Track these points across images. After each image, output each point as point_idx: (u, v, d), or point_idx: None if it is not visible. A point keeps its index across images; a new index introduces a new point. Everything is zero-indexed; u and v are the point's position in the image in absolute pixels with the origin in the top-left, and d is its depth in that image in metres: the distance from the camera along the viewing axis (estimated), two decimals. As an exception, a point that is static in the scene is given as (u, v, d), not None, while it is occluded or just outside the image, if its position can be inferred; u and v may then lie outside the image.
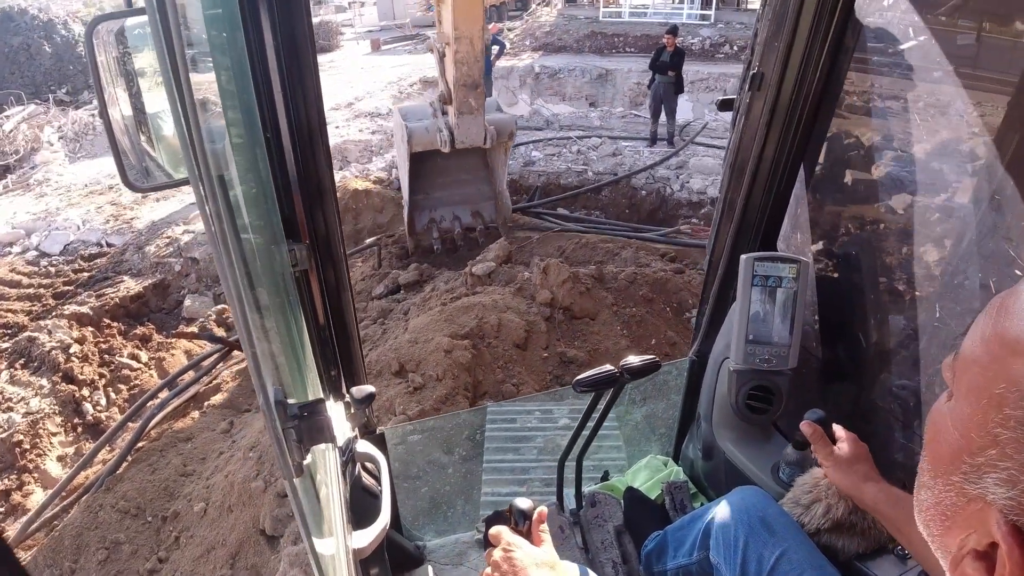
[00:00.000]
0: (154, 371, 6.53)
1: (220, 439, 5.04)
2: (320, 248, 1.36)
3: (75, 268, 8.42)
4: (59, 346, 6.22)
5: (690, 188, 9.60)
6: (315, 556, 0.88)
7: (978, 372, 0.52)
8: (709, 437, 2.11)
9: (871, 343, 1.85)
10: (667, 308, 5.63)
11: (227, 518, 3.94)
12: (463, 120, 7.12)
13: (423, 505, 3.06)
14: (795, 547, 1.41)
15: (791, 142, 1.78)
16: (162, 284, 8.00)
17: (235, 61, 0.99)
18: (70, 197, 10.66)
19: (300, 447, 0.87)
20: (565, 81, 17.18)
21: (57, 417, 5.71)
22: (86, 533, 4.24)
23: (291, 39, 1.10)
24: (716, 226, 2.09)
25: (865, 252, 1.88)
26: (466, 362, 4.51)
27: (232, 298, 0.68)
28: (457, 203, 8.22)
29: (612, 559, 2.05)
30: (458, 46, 6.62)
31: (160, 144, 1.16)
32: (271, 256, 1.07)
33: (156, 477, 4.70)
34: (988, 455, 0.49)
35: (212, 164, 0.66)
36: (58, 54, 17.42)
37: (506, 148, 7.90)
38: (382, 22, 26.46)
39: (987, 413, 0.50)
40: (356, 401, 1.44)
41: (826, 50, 1.62)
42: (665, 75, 10.68)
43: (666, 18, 20.64)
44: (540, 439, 3.38)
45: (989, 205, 1.42)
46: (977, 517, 0.51)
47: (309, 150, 1.23)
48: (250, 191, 0.98)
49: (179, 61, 0.62)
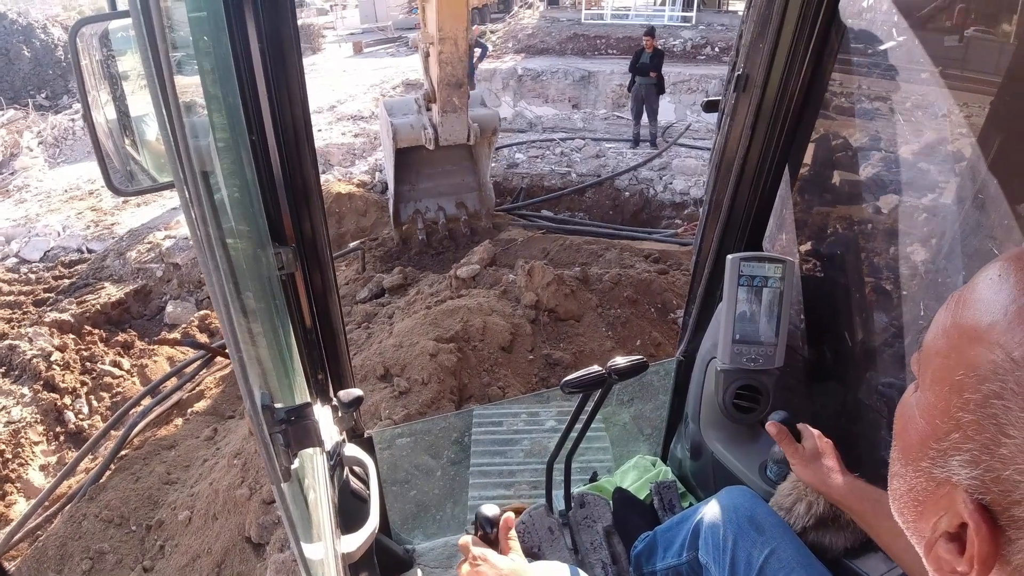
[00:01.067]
0: (136, 378, 6.46)
1: (204, 446, 4.99)
2: (306, 251, 1.36)
3: (55, 275, 8.32)
4: (40, 354, 6.14)
5: (673, 189, 9.65)
6: (304, 561, 0.87)
7: (940, 362, 0.55)
8: (697, 437, 2.12)
9: (856, 342, 1.86)
10: (652, 309, 5.64)
11: (212, 526, 3.90)
12: (447, 119, 7.16)
13: (412, 508, 3.05)
14: (783, 546, 1.41)
15: (776, 143, 1.79)
16: (144, 290, 7.91)
17: (220, 63, 0.98)
18: (50, 203, 10.55)
19: (288, 452, 0.87)
20: (548, 83, 17.20)
21: (39, 426, 5.63)
22: (70, 543, 4.18)
23: (276, 41, 1.10)
24: (702, 227, 2.10)
25: (850, 252, 1.90)
26: (451, 365, 4.49)
27: (218, 302, 0.67)
28: (442, 194, 8.26)
29: (601, 560, 2.05)
30: (442, 46, 6.65)
31: (144, 148, 1.15)
32: (257, 259, 1.06)
33: (140, 486, 4.65)
34: (952, 439, 0.52)
35: (197, 167, 0.65)
36: (37, 59, 17.20)
37: (490, 142, 7.96)
38: (364, 25, 26.25)
39: (949, 399, 0.53)
40: (344, 405, 1.44)
41: (810, 51, 1.63)
42: (646, 77, 10.75)
43: (647, 20, 20.68)
44: (527, 442, 3.38)
45: (972, 204, 1.44)
46: (946, 499, 0.54)
47: (295, 152, 1.22)
48: (235, 194, 0.97)
49: (163, 64, 0.61)
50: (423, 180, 8.08)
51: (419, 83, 16.88)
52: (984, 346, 0.50)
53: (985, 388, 0.49)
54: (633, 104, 11.36)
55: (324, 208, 1.35)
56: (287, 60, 1.13)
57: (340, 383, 1.63)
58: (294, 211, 1.28)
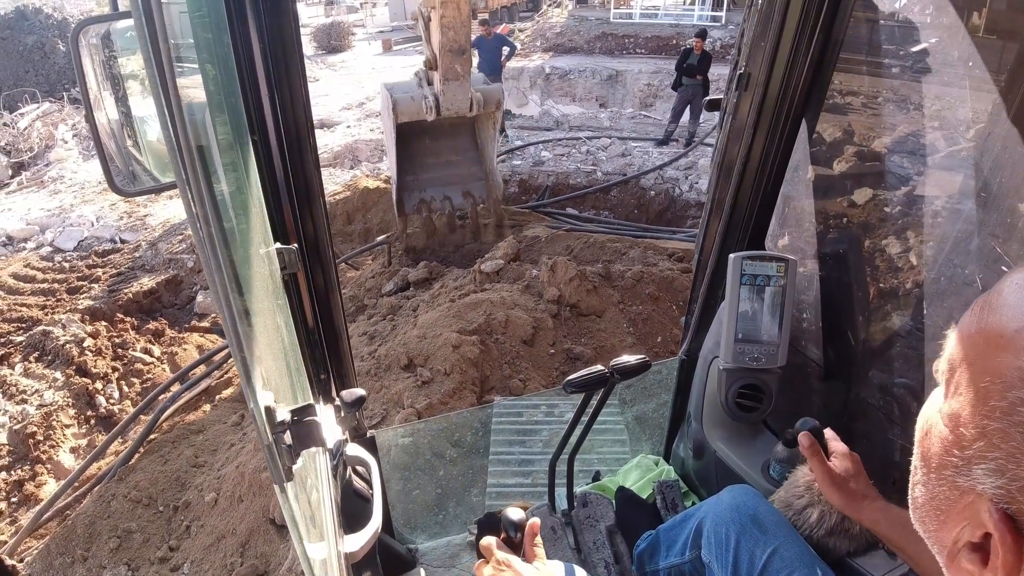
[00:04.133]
0: (166, 365, 6.59)
1: (231, 431, 5.06)
2: (309, 250, 1.36)
3: (89, 264, 8.48)
4: (73, 340, 6.29)
5: (699, 189, 9.55)
6: (307, 561, 0.88)
7: (965, 369, 0.54)
8: (699, 436, 2.12)
9: (859, 341, 1.86)
10: (673, 306, 5.63)
11: (237, 508, 3.96)
12: (449, 87, 6.86)
13: (415, 508, 3.05)
14: (786, 545, 1.41)
15: (778, 142, 1.79)
16: (175, 280, 8.06)
17: (222, 64, 0.98)
18: (84, 194, 10.65)
19: (290, 452, 0.87)
20: (575, 82, 17.15)
21: (71, 409, 5.75)
22: (98, 522, 4.25)
23: (278, 41, 1.10)
24: (704, 225, 2.10)
25: (852, 250, 1.89)
26: (474, 357, 4.52)
27: (220, 302, 0.67)
28: (447, 184, 7.99)
29: (604, 559, 2.05)
30: (444, 10, 6.36)
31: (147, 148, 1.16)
32: (260, 259, 1.07)
33: (168, 468, 4.73)
34: (977, 447, 0.51)
35: (199, 167, 0.65)
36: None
37: (494, 120, 7.67)
38: (393, 22, 26.30)
39: (974, 407, 0.51)
40: (346, 405, 1.44)
41: (812, 50, 1.63)
42: (693, 78, 10.74)
43: (676, 19, 20.70)
44: (546, 432, 3.44)
45: (976, 202, 1.43)
46: (970, 509, 0.53)
47: (297, 152, 1.22)
48: (238, 194, 0.97)
49: (165, 64, 0.61)
50: (427, 170, 7.87)
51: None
52: (1011, 353, 0.49)
53: (1012, 395, 0.48)
54: (678, 104, 11.32)
55: (326, 208, 1.35)
56: (289, 60, 1.13)
57: (343, 383, 1.64)
58: (296, 211, 1.28)
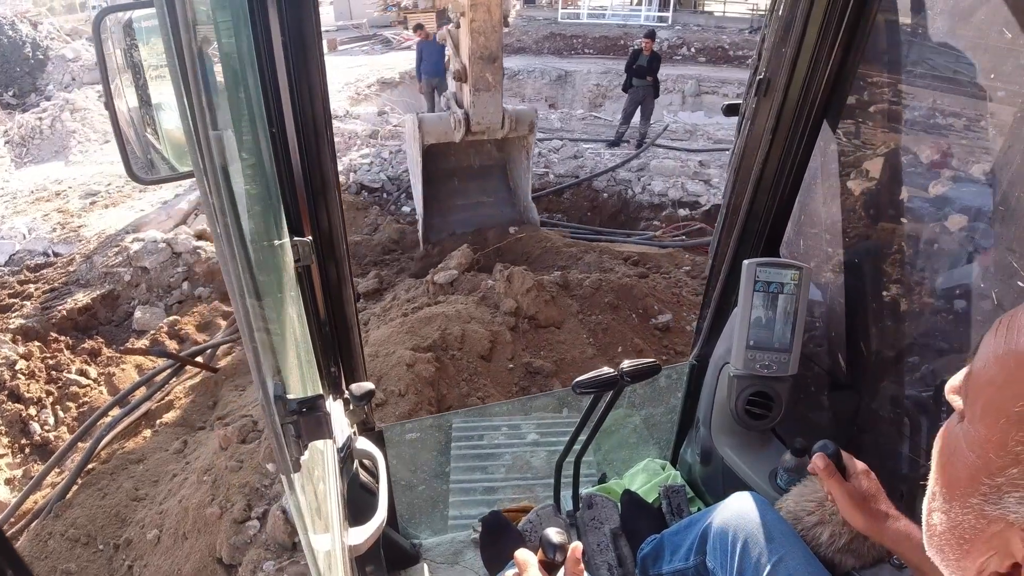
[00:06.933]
0: (104, 387, 6.13)
1: (173, 460, 4.78)
2: (323, 243, 1.36)
3: (20, 280, 7.85)
4: (4, 362, 5.80)
5: (651, 190, 9.44)
6: (311, 552, 0.88)
7: (994, 392, 0.51)
8: (708, 442, 2.11)
9: (872, 352, 1.84)
10: (633, 315, 5.50)
11: (182, 546, 3.76)
12: (479, 98, 6.44)
13: (420, 503, 3.05)
14: (792, 554, 1.40)
15: (796, 148, 1.77)
16: (111, 295, 7.40)
17: (242, 55, 0.99)
18: (16, 204, 10.04)
19: (298, 443, 0.87)
20: (524, 83, 17.11)
21: (3, 438, 5.37)
22: (36, 564, 4.02)
23: (299, 35, 1.10)
24: (719, 231, 2.09)
25: (868, 260, 1.88)
26: (429, 376, 4.35)
27: (234, 292, 0.68)
28: (479, 225, 7.46)
29: (608, 561, 2.05)
30: (474, 13, 6.10)
31: (165, 136, 1.16)
32: (274, 251, 1.07)
33: (107, 502, 4.43)
34: (1009, 474, 0.49)
35: (218, 158, 0.66)
36: (4, 55, 16.41)
37: (527, 149, 7.23)
38: (339, 22, 25.47)
39: (1007, 432, 0.49)
40: (355, 398, 1.45)
41: (834, 55, 1.62)
42: (643, 79, 10.78)
43: (624, 20, 20.85)
44: (508, 456, 3.33)
45: (993, 216, 1.42)
46: (998, 538, 0.51)
47: (314, 146, 1.23)
48: (255, 185, 0.98)
49: (186, 54, 0.62)
50: (454, 212, 7.32)
51: (393, 81, 16.69)
52: None
53: None
54: (628, 105, 11.32)
55: (341, 201, 1.35)
56: (308, 55, 1.13)
57: (353, 376, 1.64)
58: (311, 204, 1.29)
